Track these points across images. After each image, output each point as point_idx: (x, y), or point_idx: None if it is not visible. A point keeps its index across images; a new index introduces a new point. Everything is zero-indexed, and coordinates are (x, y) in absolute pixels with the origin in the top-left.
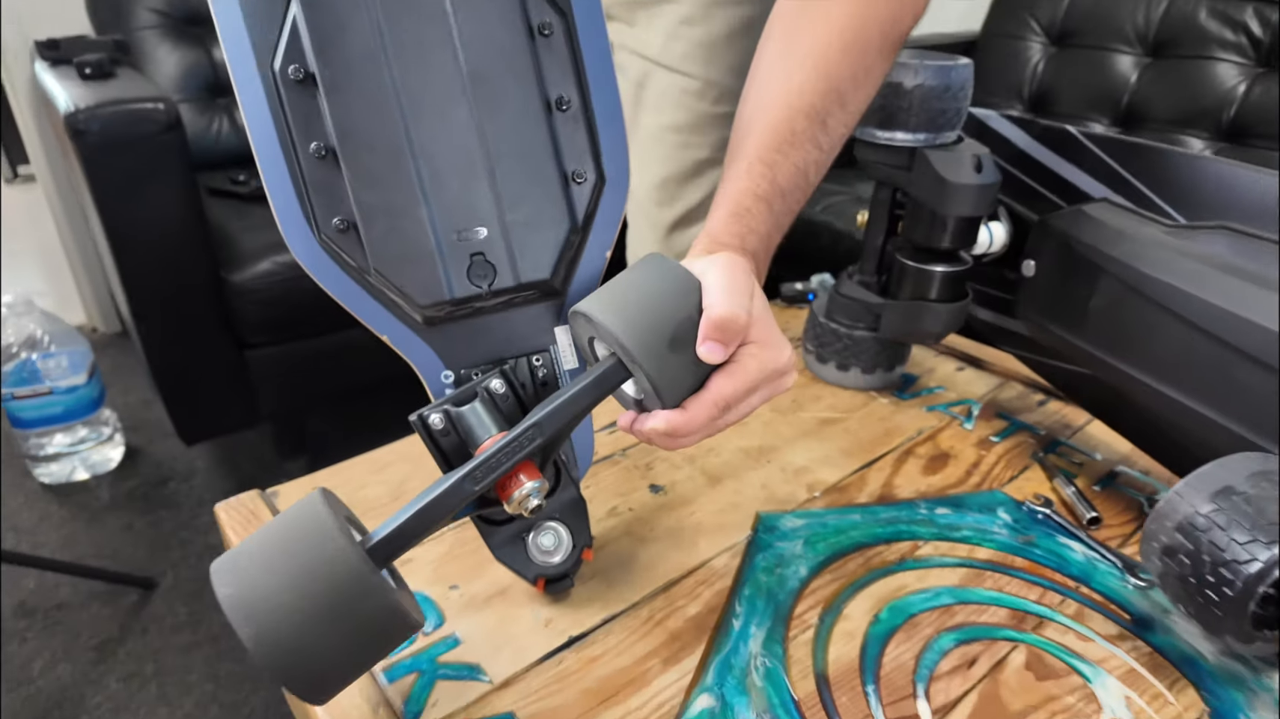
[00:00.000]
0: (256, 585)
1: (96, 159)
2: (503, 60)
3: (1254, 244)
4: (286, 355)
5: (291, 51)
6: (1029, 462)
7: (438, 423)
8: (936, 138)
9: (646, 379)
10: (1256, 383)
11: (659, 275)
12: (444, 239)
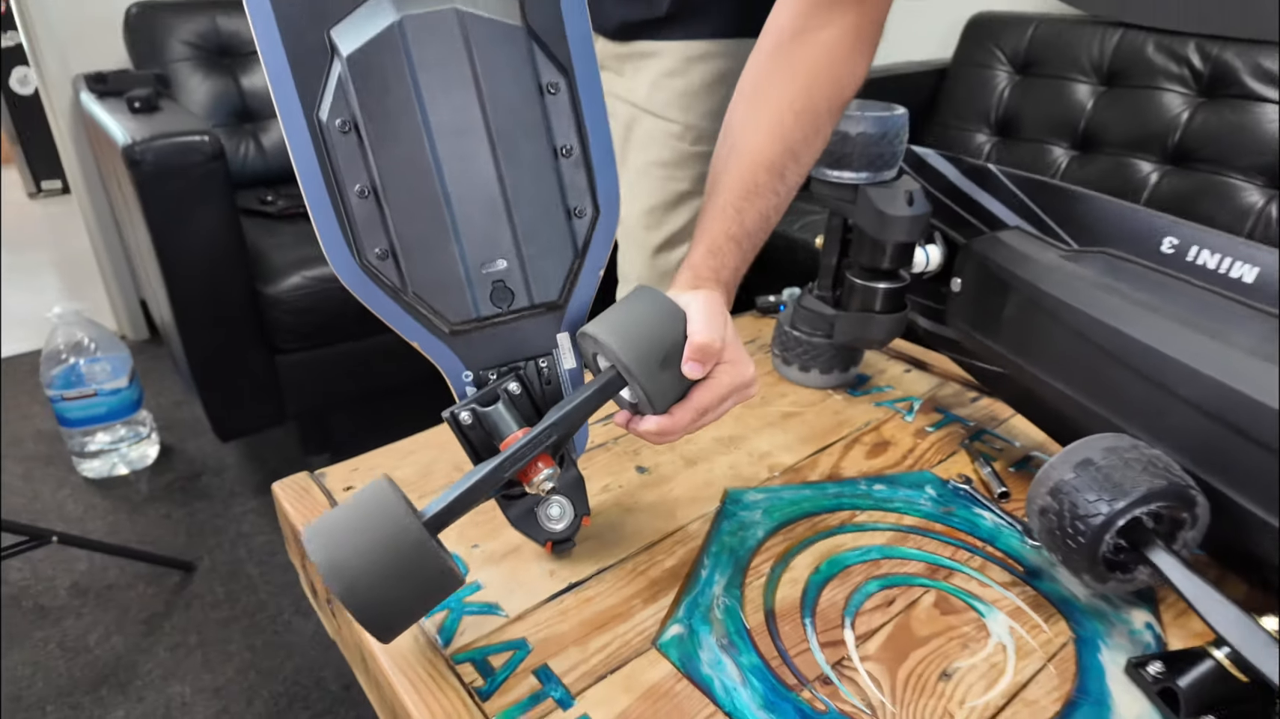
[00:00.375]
0: (343, 550)
1: (150, 186)
2: (518, 116)
3: (1128, 267)
4: (313, 360)
5: (337, 106)
6: (957, 448)
7: (467, 419)
8: (876, 176)
9: (642, 391)
10: (1122, 380)
11: (653, 306)
12: (472, 270)
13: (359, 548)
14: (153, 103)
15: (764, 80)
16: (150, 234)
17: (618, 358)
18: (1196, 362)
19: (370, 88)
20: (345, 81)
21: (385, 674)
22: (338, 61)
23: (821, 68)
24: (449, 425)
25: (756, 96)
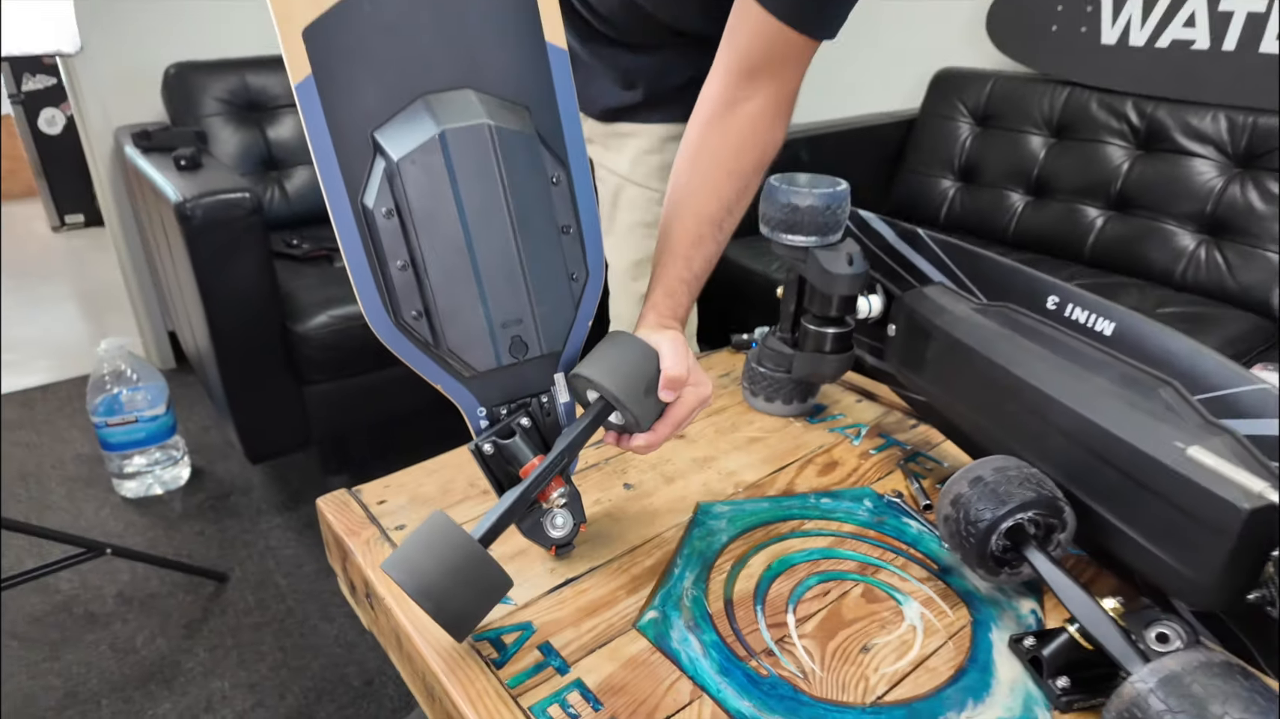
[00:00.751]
0: (425, 575)
1: (198, 238)
2: (532, 203)
3: (1021, 319)
4: (335, 390)
5: (382, 196)
6: (894, 468)
7: (490, 450)
8: (824, 240)
9: (631, 415)
10: (1013, 411)
11: (631, 348)
12: (495, 328)
13: (436, 570)
14: (197, 160)
15: (701, 146)
16: (196, 279)
17: (610, 393)
18: (1067, 398)
19: (415, 185)
20: (392, 178)
21: (420, 651)
22: (382, 159)
23: (747, 136)
24: (473, 456)
25: (696, 161)
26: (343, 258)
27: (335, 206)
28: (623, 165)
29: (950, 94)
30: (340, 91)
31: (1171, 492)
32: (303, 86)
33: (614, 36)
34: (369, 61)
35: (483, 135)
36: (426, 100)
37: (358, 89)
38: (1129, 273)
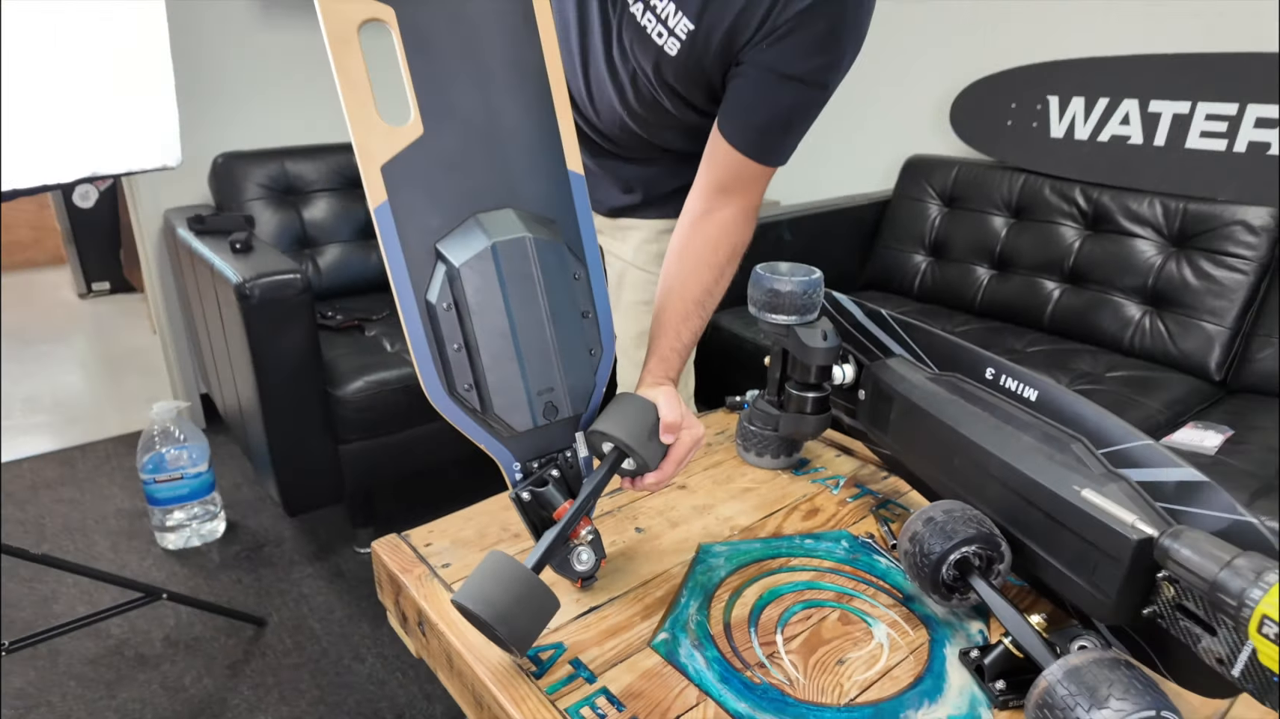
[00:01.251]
0: (492, 600)
1: (254, 314)
2: (562, 295)
3: (966, 386)
4: (366, 448)
5: (443, 293)
6: (868, 513)
7: (528, 497)
8: (803, 319)
9: (640, 458)
10: (959, 463)
11: (634, 405)
12: (533, 396)
13: (503, 598)
14: (249, 244)
15: (686, 244)
16: (250, 350)
17: (621, 441)
18: (1000, 452)
19: (471, 285)
20: (452, 279)
21: (470, 667)
22: (443, 265)
23: (720, 237)
24: (514, 503)
25: (682, 256)
26: (406, 341)
27: (403, 302)
28: (626, 253)
29: (920, 178)
30: (409, 212)
31: (1080, 527)
32: (380, 210)
33: (618, 153)
34: (432, 189)
35: (524, 245)
36: (478, 218)
37: (423, 210)
38: (1083, 340)
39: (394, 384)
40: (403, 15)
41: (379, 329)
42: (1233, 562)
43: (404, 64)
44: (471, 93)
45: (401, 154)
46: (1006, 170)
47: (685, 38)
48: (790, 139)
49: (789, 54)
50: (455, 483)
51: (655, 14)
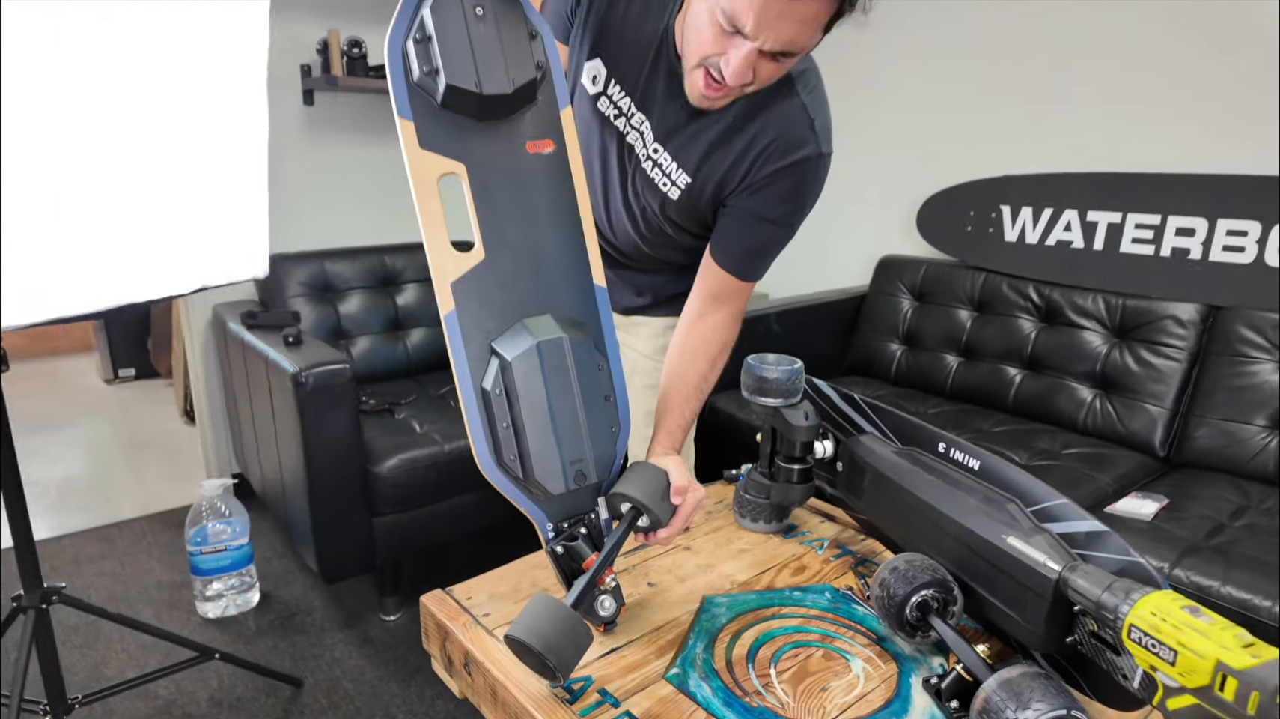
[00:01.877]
0: (541, 633)
1: (308, 400)
2: (591, 383)
3: (924, 458)
4: (398, 521)
5: (496, 382)
6: (848, 570)
7: (561, 550)
8: (787, 401)
9: (654, 515)
10: (919, 522)
11: (648, 470)
12: (566, 465)
13: (550, 631)
14: (300, 338)
15: (685, 341)
16: (300, 432)
17: (638, 501)
18: (952, 512)
19: (519, 375)
20: (504, 370)
21: (515, 697)
22: (496, 359)
23: (714, 335)
24: (549, 555)
25: (683, 350)
26: (464, 420)
27: (463, 388)
28: (638, 344)
29: (892, 275)
30: (471, 318)
31: (1013, 571)
32: (449, 316)
33: (631, 266)
34: (489, 301)
35: (561, 344)
36: (525, 322)
37: (482, 316)
38: (1043, 420)
39: (424, 461)
40: (472, 170)
41: (408, 412)
42: (1111, 585)
43: (471, 207)
44: (521, 227)
45: (467, 274)
46: (968, 269)
47: (684, 187)
48: (765, 262)
49: (764, 203)
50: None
51: (662, 169)
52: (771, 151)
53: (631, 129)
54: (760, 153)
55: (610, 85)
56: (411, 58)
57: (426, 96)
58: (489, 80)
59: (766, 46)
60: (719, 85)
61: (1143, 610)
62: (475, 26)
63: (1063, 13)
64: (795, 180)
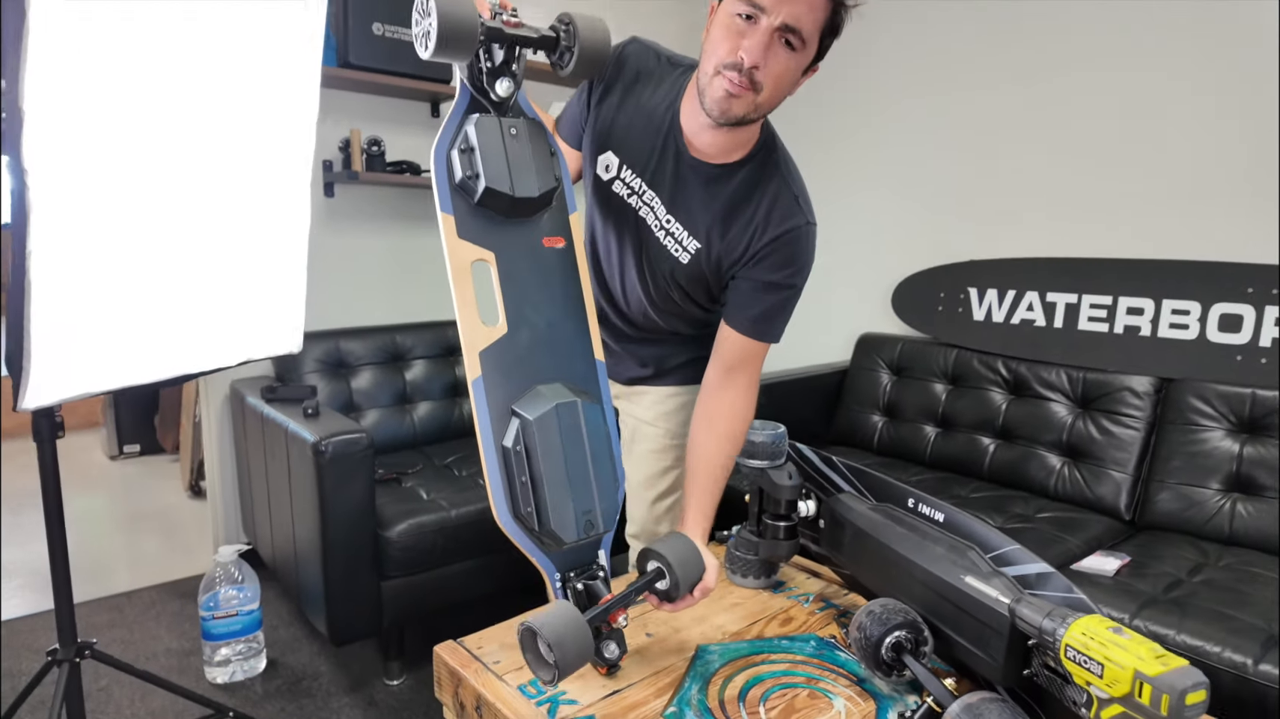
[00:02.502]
0: (555, 629)
1: (327, 469)
2: (599, 442)
3: (897, 512)
4: (406, 584)
5: (516, 440)
6: (831, 621)
7: (581, 588)
8: (773, 463)
9: (676, 591)
10: (893, 570)
11: (697, 556)
12: (578, 516)
13: (563, 629)
14: (318, 410)
15: (707, 415)
16: (319, 499)
17: (672, 570)
18: (921, 560)
19: (538, 434)
20: (524, 430)
21: None
22: (517, 419)
23: (735, 409)
24: (571, 593)
25: (708, 426)
26: (484, 476)
27: (485, 446)
28: (640, 412)
29: (871, 351)
30: (494, 384)
31: (974, 611)
32: (476, 382)
33: (637, 337)
34: (510, 369)
35: (576, 407)
36: (539, 388)
37: (504, 382)
38: (1016, 487)
39: (431, 526)
40: (500, 258)
41: (414, 481)
42: (1050, 613)
43: (497, 288)
44: (538, 307)
45: (492, 345)
46: (941, 346)
47: (694, 252)
48: (777, 324)
49: (767, 270)
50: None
51: (674, 237)
52: (767, 224)
53: (644, 205)
54: (759, 227)
55: (623, 170)
56: (455, 163)
57: (465, 195)
58: (520, 185)
59: (779, 21)
60: (738, 81)
61: (1075, 632)
62: (510, 143)
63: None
64: (792, 248)
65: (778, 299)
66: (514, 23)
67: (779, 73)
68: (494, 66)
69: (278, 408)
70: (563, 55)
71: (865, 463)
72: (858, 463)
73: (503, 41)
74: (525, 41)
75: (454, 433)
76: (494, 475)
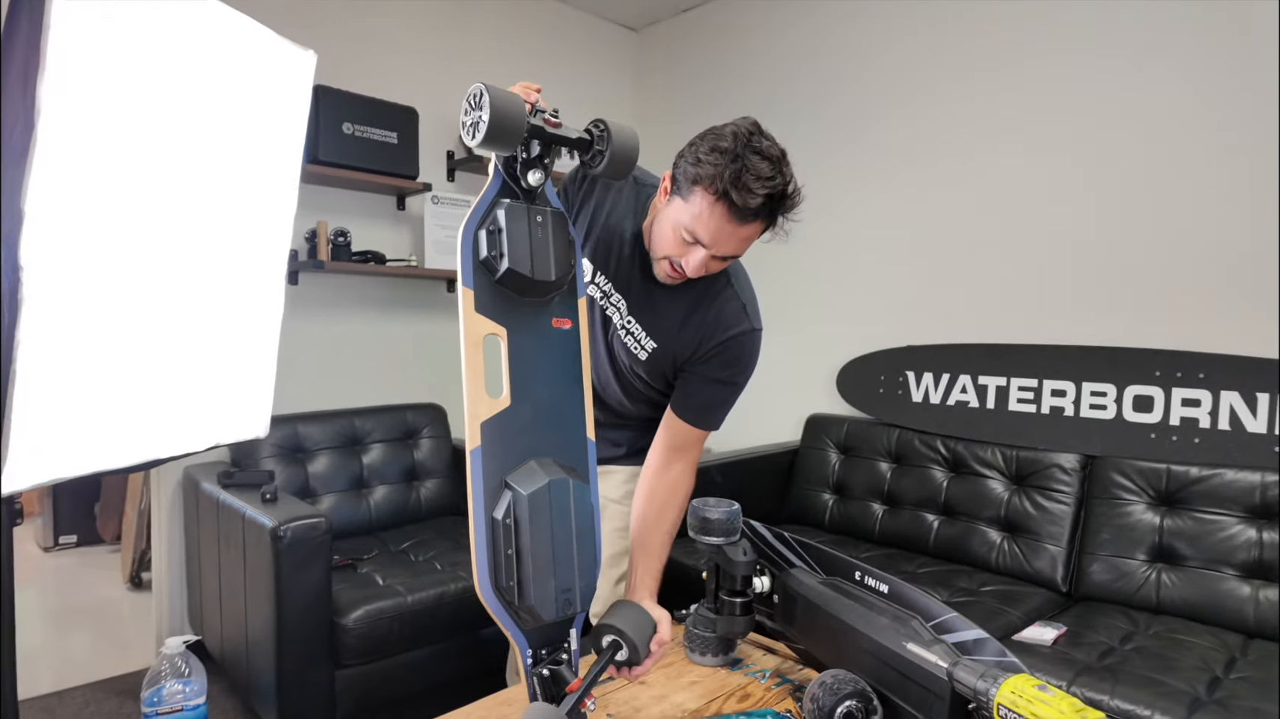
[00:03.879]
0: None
1: (285, 554)
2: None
3: (845, 584)
4: (361, 673)
5: (507, 512)
6: (787, 696)
7: (547, 673)
8: (728, 540)
9: (637, 656)
10: (843, 642)
11: (638, 613)
12: (558, 594)
13: None
14: (276, 495)
15: (655, 492)
16: (275, 585)
17: (630, 640)
18: (867, 630)
19: (530, 508)
20: (516, 502)
21: None
22: (509, 491)
23: (679, 486)
24: (538, 680)
25: (652, 500)
26: (471, 545)
27: (476, 515)
28: (608, 490)
29: (820, 432)
30: (492, 454)
31: (918, 677)
32: (475, 452)
33: (608, 422)
34: (508, 440)
35: (567, 484)
36: (533, 463)
37: (500, 454)
38: (960, 562)
39: (389, 612)
40: (511, 334)
41: (370, 567)
42: (983, 673)
43: (504, 362)
44: (541, 384)
45: (494, 416)
46: (884, 426)
47: (650, 350)
48: (717, 415)
49: (713, 368)
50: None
51: (634, 337)
52: (715, 329)
53: (611, 306)
54: (708, 331)
55: (596, 275)
56: (482, 242)
57: (487, 273)
58: (539, 269)
59: (716, 253)
60: (679, 274)
61: (1005, 690)
62: (535, 229)
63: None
64: (736, 352)
65: (720, 394)
66: (554, 123)
67: (715, 268)
68: (529, 158)
69: (234, 493)
70: (595, 157)
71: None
72: (816, 541)
73: (543, 139)
74: (563, 141)
75: (411, 517)
76: (480, 546)
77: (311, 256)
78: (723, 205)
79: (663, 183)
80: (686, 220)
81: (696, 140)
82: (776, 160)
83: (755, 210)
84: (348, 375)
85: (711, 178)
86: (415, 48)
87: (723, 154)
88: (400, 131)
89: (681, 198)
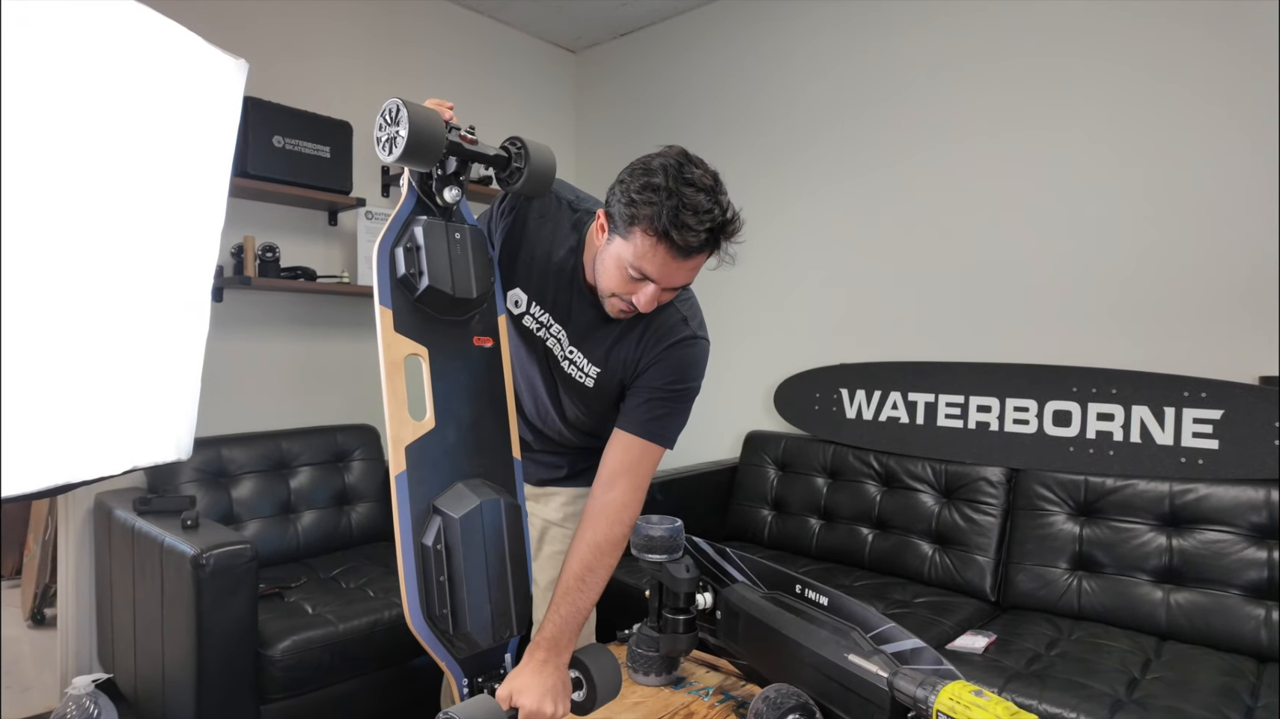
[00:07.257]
0: None
1: (207, 583)
2: (517, 542)
3: (786, 598)
4: (288, 708)
5: (438, 537)
6: (730, 713)
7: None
8: (671, 557)
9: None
10: (784, 655)
11: (611, 664)
12: (495, 618)
13: None
14: (197, 522)
15: (591, 520)
16: (196, 617)
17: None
18: (808, 643)
19: (461, 531)
20: (446, 527)
21: None
22: (438, 516)
23: (617, 512)
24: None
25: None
26: (400, 574)
27: (404, 543)
28: (549, 513)
29: (758, 449)
30: (418, 479)
31: (858, 688)
32: (400, 477)
33: (547, 449)
34: (434, 463)
35: (499, 506)
36: (461, 485)
37: (427, 478)
38: (895, 574)
39: (319, 642)
40: (432, 354)
41: (298, 595)
42: (922, 682)
43: (427, 383)
44: (465, 405)
45: (418, 439)
46: (819, 442)
47: (595, 377)
48: (669, 427)
49: (655, 379)
50: None
51: (577, 365)
52: (656, 340)
53: (551, 337)
54: (648, 344)
55: (532, 306)
56: (399, 260)
57: (406, 292)
58: (460, 287)
59: (665, 286)
60: (631, 309)
61: (944, 697)
62: (454, 246)
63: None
64: (676, 358)
65: (666, 406)
66: (470, 139)
67: (666, 299)
68: (444, 175)
69: (152, 520)
70: (513, 174)
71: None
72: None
73: (460, 156)
74: (481, 158)
75: (341, 543)
76: (409, 575)
77: (238, 272)
78: (664, 245)
79: (598, 219)
80: (630, 258)
81: (625, 177)
82: (710, 190)
83: (698, 246)
84: (275, 396)
85: (649, 218)
86: (350, 62)
87: (656, 191)
88: (333, 145)
89: (621, 236)
